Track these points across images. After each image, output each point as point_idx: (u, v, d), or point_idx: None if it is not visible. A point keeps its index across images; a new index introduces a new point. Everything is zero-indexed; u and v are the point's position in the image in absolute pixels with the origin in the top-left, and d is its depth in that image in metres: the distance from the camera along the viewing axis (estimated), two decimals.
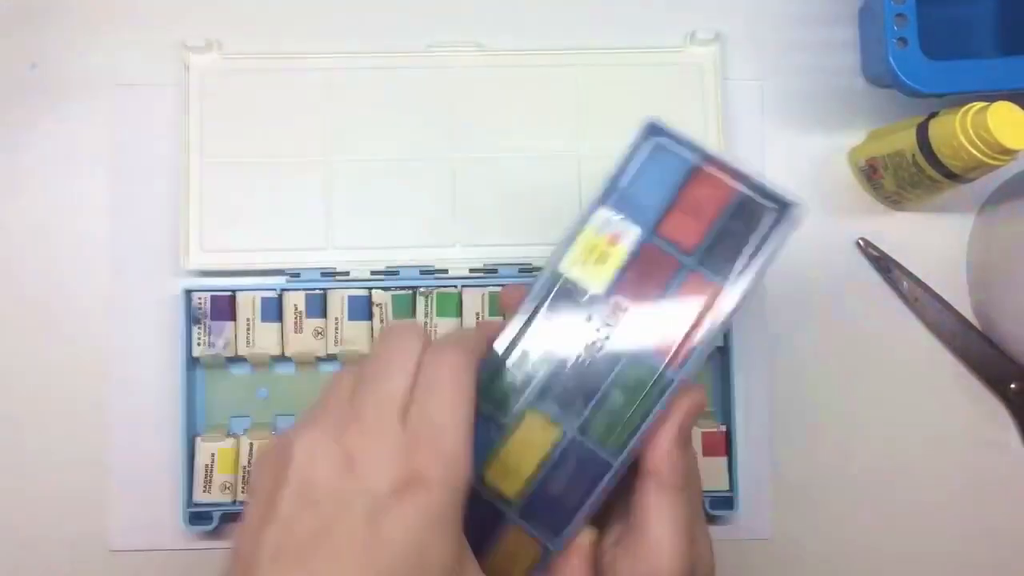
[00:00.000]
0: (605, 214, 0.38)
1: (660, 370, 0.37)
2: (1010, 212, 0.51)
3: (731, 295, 0.37)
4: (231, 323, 0.50)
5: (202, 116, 0.51)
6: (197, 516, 0.49)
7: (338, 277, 0.51)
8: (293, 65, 0.52)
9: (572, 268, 0.38)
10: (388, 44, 0.53)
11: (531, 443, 0.37)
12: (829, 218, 0.54)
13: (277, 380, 0.51)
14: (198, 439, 0.49)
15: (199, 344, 0.50)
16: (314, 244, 0.51)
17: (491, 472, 0.37)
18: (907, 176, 0.49)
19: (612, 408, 0.37)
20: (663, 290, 0.37)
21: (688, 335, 0.37)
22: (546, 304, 0.38)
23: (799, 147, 0.54)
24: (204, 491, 0.49)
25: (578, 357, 0.38)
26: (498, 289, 0.51)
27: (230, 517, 0.51)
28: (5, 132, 0.52)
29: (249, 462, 0.49)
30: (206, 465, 0.49)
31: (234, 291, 0.50)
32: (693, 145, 0.38)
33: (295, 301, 0.50)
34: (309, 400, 0.51)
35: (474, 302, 0.51)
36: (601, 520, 0.38)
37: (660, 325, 0.37)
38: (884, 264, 0.53)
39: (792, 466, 0.52)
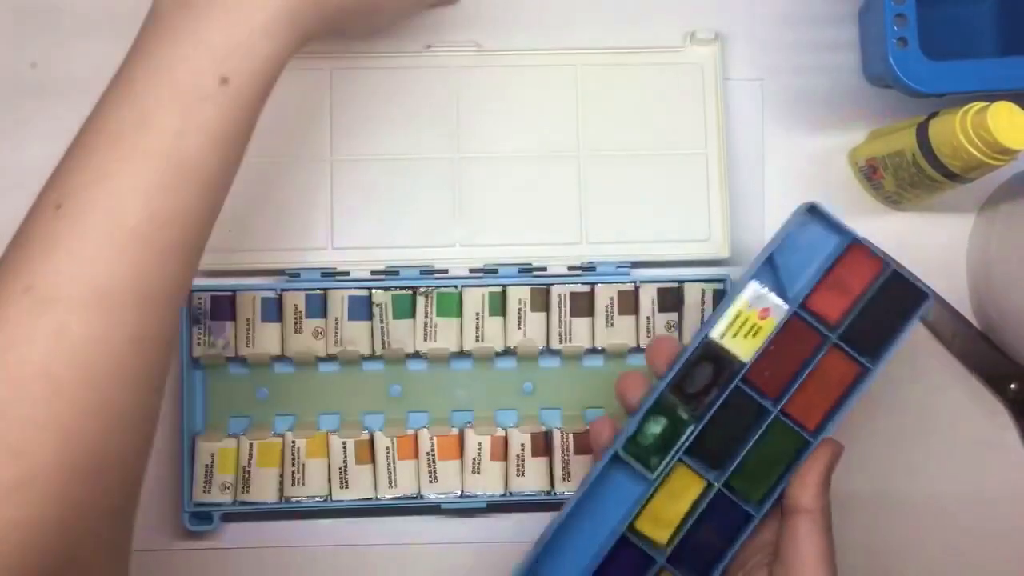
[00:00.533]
0: (757, 288, 0.42)
1: (801, 434, 0.41)
2: (1010, 212, 0.51)
3: (869, 373, 0.41)
4: (231, 323, 0.50)
5: None
6: (197, 516, 0.49)
7: (338, 277, 0.51)
8: (292, 65, 0.52)
9: (724, 337, 0.42)
10: (388, 44, 0.53)
11: (680, 494, 0.41)
12: None
13: (277, 380, 0.51)
14: (198, 439, 0.49)
15: (199, 344, 0.50)
16: (314, 244, 0.51)
17: (642, 520, 0.41)
18: (907, 176, 0.49)
19: (755, 466, 0.41)
20: (806, 361, 0.41)
21: (828, 405, 0.41)
22: (696, 367, 0.41)
23: (799, 147, 0.54)
24: (204, 491, 0.49)
25: (724, 417, 0.41)
26: (498, 289, 0.51)
27: (230, 517, 0.51)
28: (5, 132, 0.52)
29: (249, 462, 0.49)
30: (206, 465, 0.49)
31: (234, 291, 0.50)
32: (845, 228, 0.42)
33: (295, 301, 0.50)
34: (309, 400, 0.51)
35: (474, 302, 0.51)
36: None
37: (802, 394, 0.41)
38: None
39: None
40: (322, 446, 0.50)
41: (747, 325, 0.41)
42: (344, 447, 0.50)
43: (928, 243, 0.54)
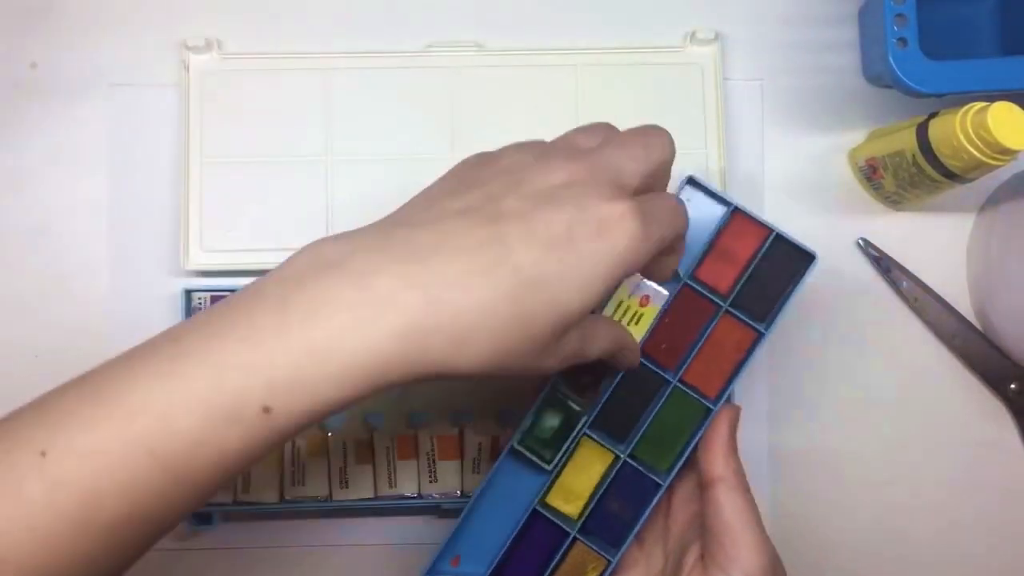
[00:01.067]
0: (634, 277, 0.43)
1: (702, 402, 0.42)
2: (1010, 212, 0.51)
3: (762, 337, 0.43)
4: None
5: (202, 116, 0.51)
6: (197, 516, 0.49)
7: None
8: (293, 65, 0.52)
9: None
10: (388, 44, 0.53)
11: (588, 468, 0.43)
12: (829, 218, 0.54)
13: None
14: None
15: None
16: None
17: (553, 495, 0.43)
18: (907, 176, 0.49)
19: (659, 436, 0.42)
20: (701, 329, 0.43)
21: (726, 371, 0.43)
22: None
23: (799, 147, 0.54)
24: None
25: (625, 391, 0.43)
26: None
27: (230, 517, 0.51)
28: (5, 132, 0.52)
29: None
30: None
31: (234, 291, 0.50)
32: (725, 198, 0.44)
33: None
34: None
35: None
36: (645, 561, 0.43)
37: (699, 362, 0.43)
38: (884, 264, 0.53)
39: (791, 465, 0.52)
40: (322, 446, 0.50)
41: (629, 313, 0.43)
42: (344, 447, 0.50)
43: (928, 243, 0.54)
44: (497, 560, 0.43)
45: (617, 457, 0.42)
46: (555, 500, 0.43)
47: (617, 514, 0.42)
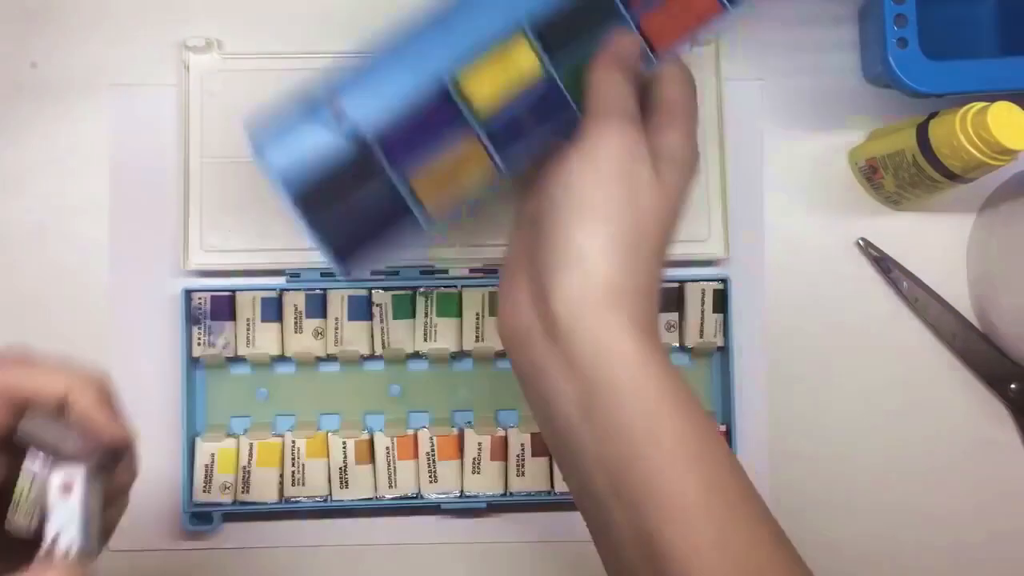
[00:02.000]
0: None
1: (646, 51, 0.39)
2: (1010, 212, 0.51)
3: (725, 11, 0.39)
4: (231, 323, 0.50)
5: (202, 116, 0.51)
6: (197, 516, 0.49)
7: (338, 277, 0.51)
8: (293, 65, 0.52)
9: None
10: None
11: (514, 65, 0.38)
12: (829, 218, 0.54)
13: (277, 380, 0.51)
14: (198, 439, 0.50)
15: (199, 344, 0.50)
16: (314, 244, 0.51)
17: (469, 77, 0.38)
18: (907, 176, 0.49)
19: (585, 61, 0.39)
20: None
21: (680, 34, 0.40)
22: None
23: (799, 147, 0.54)
24: (204, 491, 0.49)
25: (580, 5, 0.38)
26: (498, 290, 0.50)
27: (230, 517, 0.51)
28: (5, 132, 0.52)
29: (249, 462, 0.49)
30: (206, 465, 0.49)
31: (234, 291, 0.50)
32: None
33: (295, 301, 0.50)
34: (309, 400, 0.51)
35: (474, 302, 0.51)
36: None
37: (662, 14, 0.39)
38: (884, 264, 0.53)
39: (791, 466, 0.52)
40: (322, 446, 0.50)
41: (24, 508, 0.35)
42: (344, 447, 0.50)
43: (928, 243, 0.54)
44: (385, 123, 0.38)
45: (546, 72, 0.38)
46: (469, 85, 0.38)
47: (522, 130, 0.38)
